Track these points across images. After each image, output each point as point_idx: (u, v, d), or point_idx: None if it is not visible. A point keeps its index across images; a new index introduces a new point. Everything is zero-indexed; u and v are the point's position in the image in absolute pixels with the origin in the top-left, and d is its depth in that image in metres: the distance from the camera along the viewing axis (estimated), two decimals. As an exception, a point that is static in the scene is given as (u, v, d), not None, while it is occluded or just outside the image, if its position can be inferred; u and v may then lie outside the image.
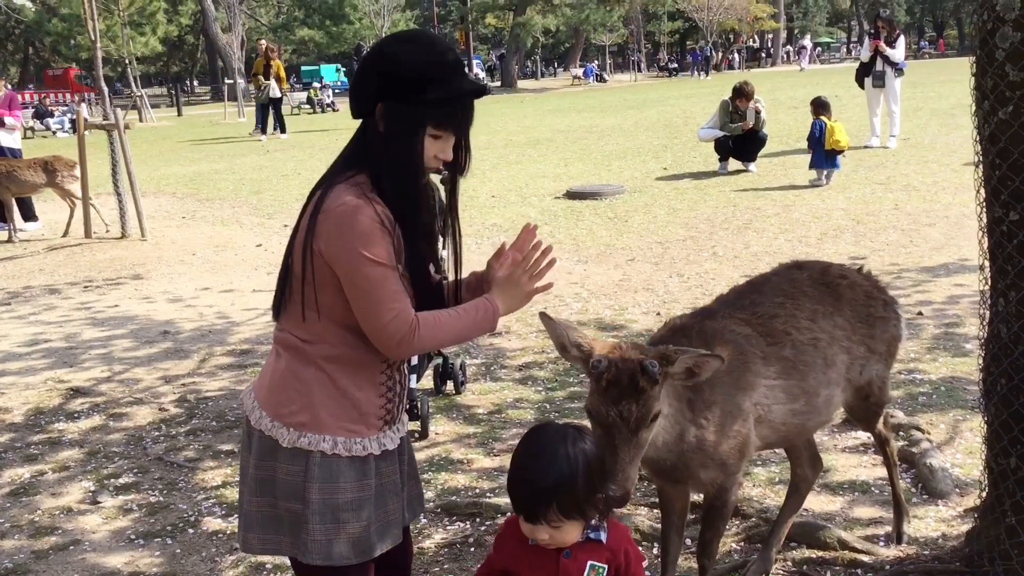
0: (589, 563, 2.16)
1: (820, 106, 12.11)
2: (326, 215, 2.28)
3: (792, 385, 3.19)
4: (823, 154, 11.83)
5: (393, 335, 2.29)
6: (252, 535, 2.45)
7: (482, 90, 2.41)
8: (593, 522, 2.19)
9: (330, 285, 2.31)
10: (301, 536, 2.37)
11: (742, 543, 3.89)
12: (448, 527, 4.21)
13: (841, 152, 11.85)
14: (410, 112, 2.30)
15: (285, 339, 2.42)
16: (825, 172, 11.92)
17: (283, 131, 22.08)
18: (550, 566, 2.16)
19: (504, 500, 4.34)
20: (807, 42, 48.36)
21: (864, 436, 4.83)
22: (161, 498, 4.68)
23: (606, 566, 2.18)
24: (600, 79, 48.41)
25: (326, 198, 2.31)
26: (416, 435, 5.21)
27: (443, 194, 6.15)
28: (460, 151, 2.44)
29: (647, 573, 2.25)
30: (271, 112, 22.03)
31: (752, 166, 13.10)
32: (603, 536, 2.19)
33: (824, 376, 3.29)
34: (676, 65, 55.51)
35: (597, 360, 2.45)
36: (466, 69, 2.39)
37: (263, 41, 24.39)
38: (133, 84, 32.45)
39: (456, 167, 2.46)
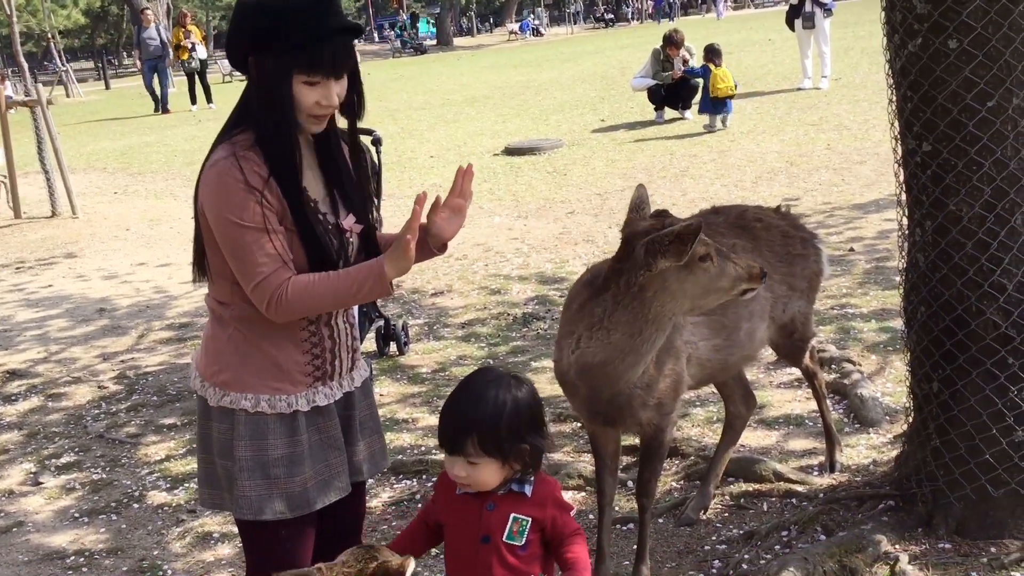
0: (512, 515, 2.18)
1: (709, 52, 12.37)
2: (202, 177, 2.29)
3: (713, 320, 3.25)
4: (708, 100, 12.16)
5: (261, 297, 2.26)
6: (203, 490, 2.51)
7: (353, 28, 2.27)
8: (519, 475, 2.20)
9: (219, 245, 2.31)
10: (235, 492, 2.40)
11: (682, 481, 3.98)
12: (395, 485, 4.25)
13: (729, 97, 12.10)
14: (274, 62, 2.21)
15: (208, 303, 2.45)
16: (719, 116, 12.22)
17: (209, 99, 20.86)
18: (474, 517, 2.19)
19: (449, 455, 4.37)
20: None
21: (797, 372, 4.94)
22: (104, 475, 4.64)
23: (529, 518, 2.19)
24: (536, 33, 48.08)
25: (207, 159, 2.30)
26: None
27: (374, 155, 6.08)
28: (352, 93, 2.33)
29: (572, 516, 2.28)
30: (199, 80, 21.13)
31: (688, 113, 13.16)
32: (527, 489, 2.20)
33: (744, 310, 3.35)
34: (612, 16, 55.29)
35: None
36: (335, 5, 2.23)
37: (184, 10, 23.52)
38: (57, 59, 31.55)
39: (350, 110, 2.37)
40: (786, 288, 3.53)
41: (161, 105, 20.91)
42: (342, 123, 2.42)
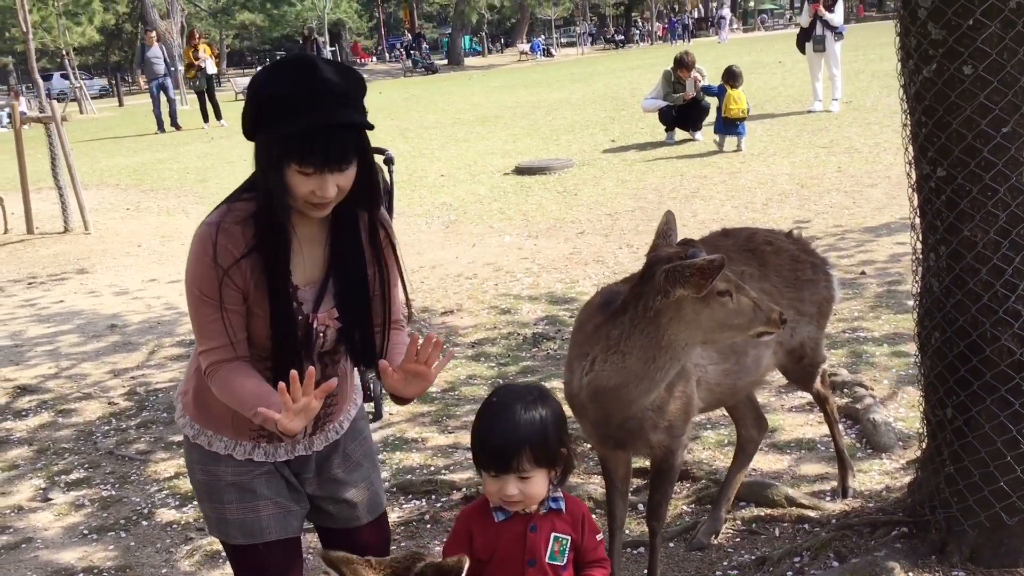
0: (552, 535, 2.19)
1: (728, 74, 12.43)
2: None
3: (723, 345, 3.24)
4: (721, 120, 12.31)
5: (202, 366, 2.28)
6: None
7: (351, 124, 2.14)
8: (557, 483, 2.22)
9: None
10: (201, 510, 2.50)
11: (692, 505, 3.96)
12: (404, 505, 4.23)
13: (741, 120, 12.21)
14: (272, 146, 2.15)
15: None
16: (731, 138, 12.33)
17: (218, 116, 20.86)
18: (518, 542, 2.19)
19: (459, 476, 4.36)
20: (726, 12, 48.23)
21: (810, 396, 4.92)
22: (113, 492, 4.64)
23: (568, 537, 2.21)
24: (547, 54, 48.30)
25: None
26: (370, 416, 5.21)
27: (386, 174, 6.09)
28: (362, 183, 2.22)
29: (603, 541, 2.27)
30: (207, 98, 21.14)
31: (698, 134, 13.17)
32: (563, 505, 2.23)
33: (750, 344, 3.31)
34: (622, 37, 55.51)
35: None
36: (336, 98, 2.12)
37: (195, 30, 23.55)
38: (71, 75, 31.77)
39: (360, 201, 2.27)
40: (794, 313, 3.50)
41: (172, 121, 20.88)
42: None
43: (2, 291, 8.92)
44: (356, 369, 2.55)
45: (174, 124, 20.92)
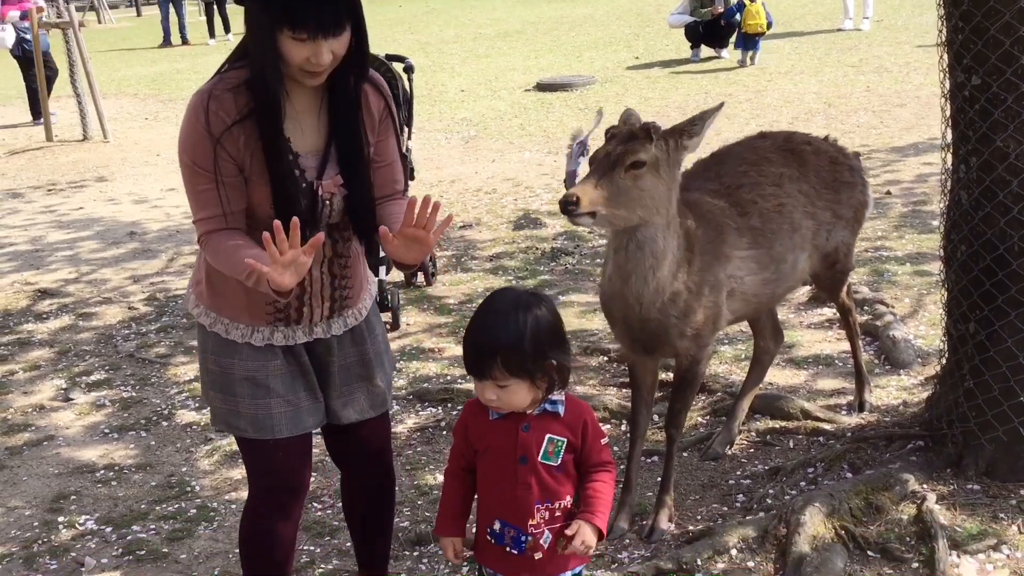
0: (547, 436, 2.17)
1: None
2: None
3: (762, 254, 3.21)
4: (742, 36, 12.12)
5: (197, 232, 2.29)
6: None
7: None
8: (551, 395, 2.18)
9: None
10: (208, 402, 2.48)
11: (708, 416, 3.96)
12: (420, 412, 4.26)
13: (760, 34, 12.03)
14: (260, 14, 2.13)
15: None
16: (749, 54, 12.20)
17: (227, 30, 20.09)
18: (510, 439, 2.18)
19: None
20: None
21: (828, 312, 4.89)
22: (134, 393, 4.69)
23: (564, 439, 2.18)
24: (571, -31, 47.19)
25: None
26: (388, 326, 5.22)
27: (406, 83, 5.99)
28: (355, 50, 2.21)
29: (608, 445, 2.26)
30: (215, 9, 20.52)
31: (724, 52, 12.90)
32: (560, 409, 2.19)
33: (790, 241, 3.30)
34: (649, -47, 54.12)
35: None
36: None
37: None
38: (89, -16, 31.36)
39: (354, 68, 2.26)
40: (831, 215, 3.46)
41: (181, 36, 20.24)
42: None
43: (22, 197, 8.93)
44: (370, 269, 2.55)
45: (183, 38, 20.37)
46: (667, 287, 2.93)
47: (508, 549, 2.21)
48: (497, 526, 2.22)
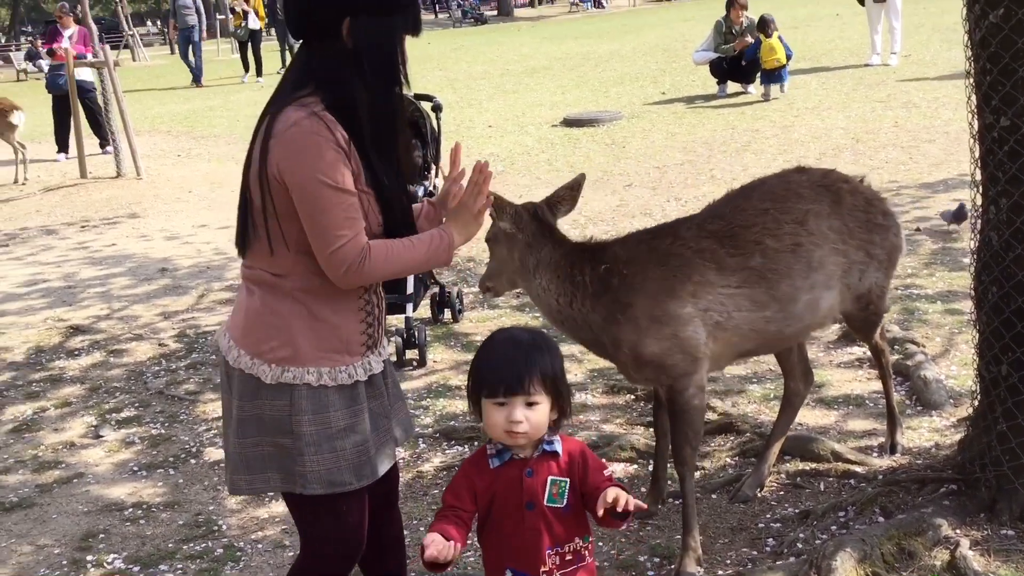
0: (550, 478, 2.17)
1: (759, 24, 12.35)
2: (278, 139, 2.22)
3: (758, 293, 3.20)
4: (762, 70, 12.29)
5: (341, 262, 2.24)
6: (239, 477, 2.43)
7: None
8: (555, 424, 2.21)
9: (294, 214, 2.25)
10: (296, 469, 2.35)
11: (736, 458, 3.93)
12: (447, 451, 4.26)
13: (783, 67, 12.21)
14: (382, 20, 2.27)
15: (256, 275, 2.38)
16: (774, 87, 12.38)
17: (259, 73, 19.98)
18: (515, 485, 2.17)
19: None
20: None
21: (859, 351, 4.85)
22: (163, 431, 4.72)
23: (567, 480, 2.18)
24: (598, 5, 47.51)
25: (276, 122, 2.24)
26: (414, 364, 5.24)
27: (434, 121, 6.06)
28: None
29: (612, 477, 2.23)
30: (250, 50, 20.15)
31: (751, 87, 12.93)
32: (558, 448, 2.20)
33: (805, 281, 3.27)
34: (675, -12, 54.45)
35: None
36: None
37: None
38: (124, 22, 31.95)
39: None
40: (864, 255, 3.43)
41: (195, 78, 20.18)
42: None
43: (56, 234, 9.07)
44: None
45: (196, 80, 20.16)
46: (562, 324, 3.26)
47: None
48: (508, 575, 2.21)
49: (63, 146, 12.73)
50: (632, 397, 4.58)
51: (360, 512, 2.47)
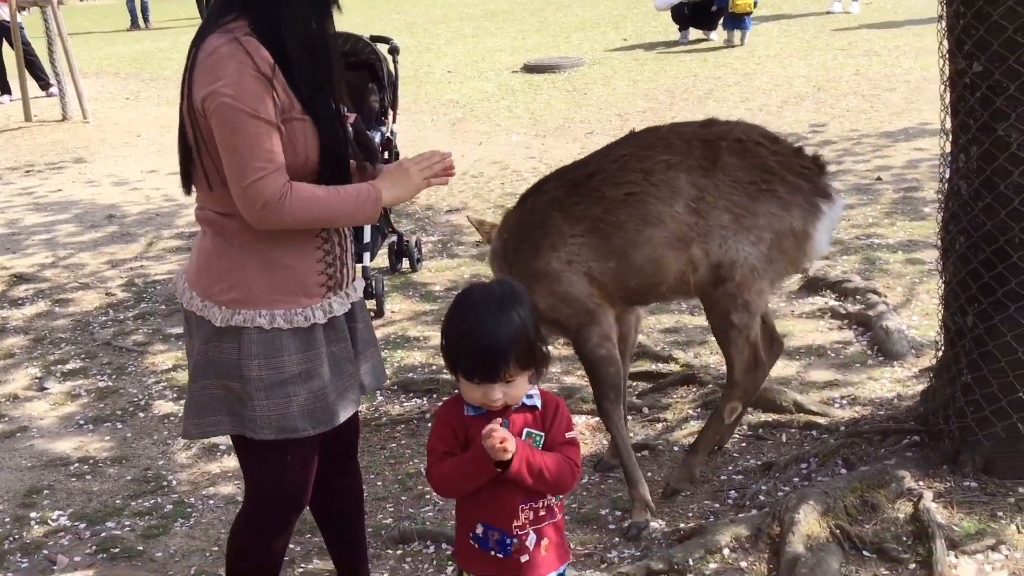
0: (525, 430, 2.09)
1: None
2: (199, 68, 2.14)
3: (598, 242, 3.07)
4: (729, 16, 12.16)
5: (257, 197, 2.12)
6: (190, 421, 2.36)
7: None
8: (534, 378, 2.11)
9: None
10: (246, 413, 2.27)
11: (699, 409, 3.87)
12: (405, 403, 4.16)
13: (748, 13, 12.08)
14: None
15: (205, 216, 2.28)
16: (737, 34, 12.25)
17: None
18: None
19: (460, 374, 4.28)
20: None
21: (820, 301, 4.82)
22: (110, 383, 4.57)
23: (542, 434, 2.10)
24: (558, -51, 46.88)
25: (199, 51, 2.15)
26: (372, 314, 5.10)
27: (390, 64, 5.87)
28: None
29: (575, 442, 2.14)
30: None
31: (713, 34, 12.77)
32: (538, 402, 2.12)
33: (640, 234, 3.05)
34: (636, -67, 53.77)
35: None
36: None
37: None
38: (70, -39, 30.91)
39: None
40: (730, 220, 3.02)
41: (143, 17, 19.72)
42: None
43: (0, 179, 8.77)
44: (354, 256, 2.46)
45: (145, 19, 19.78)
46: None
47: (493, 553, 2.12)
48: (480, 530, 2.13)
49: (4, 88, 12.29)
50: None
51: (308, 461, 2.38)
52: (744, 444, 3.60)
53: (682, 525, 3.12)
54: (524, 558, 2.11)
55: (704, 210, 3.03)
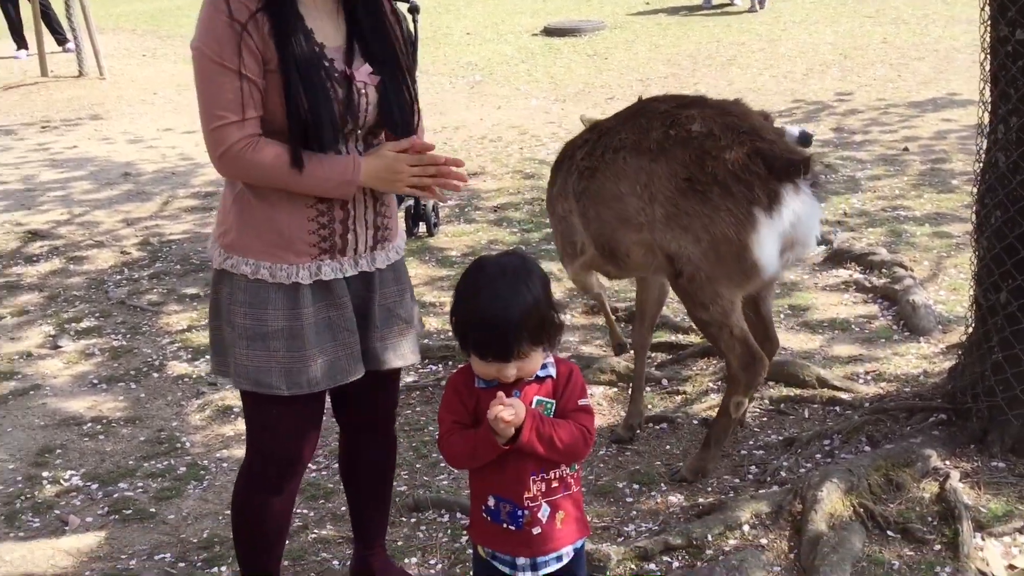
0: (536, 398, 2.03)
1: None
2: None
3: (582, 213, 3.21)
4: None
5: (219, 143, 2.12)
6: (214, 357, 2.40)
7: None
8: (547, 348, 2.05)
9: None
10: (231, 359, 2.28)
11: (719, 382, 3.80)
12: (419, 370, 4.11)
13: None
14: None
15: None
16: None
17: None
18: None
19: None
20: None
21: (845, 274, 4.73)
22: (124, 342, 4.54)
23: (553, 402, 2.05)
24: (581, -90, 46.22)
25: None
26: (424, 234, 5.09)
27: (411, 24, 5.76)
28: None
29: (589, 409, 2.08)
30: None
31: (738, 0, 12.58)
32: (552, 372, 2.06)
33: (604, 211, 3.09)
34: None
35: None
36: None
37: None
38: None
39: None
40: (663, 213, 2.91)
41: None
42: None
43: (15, 134, 8.71)
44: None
45: None
46: None
47: (505, 526, 2.07)
48: (491, 502, 2.08)
49: (21, 42, 12.20)
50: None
51: (297, 424, 2.32)
52: (766, 419, 3.54)
53: (701, 500, 3.06)
54: (536, 530, 2.06)
55: (648, 197, 2.94)
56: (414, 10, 5.49)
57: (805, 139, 5.96)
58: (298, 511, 3.14)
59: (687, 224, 2.88)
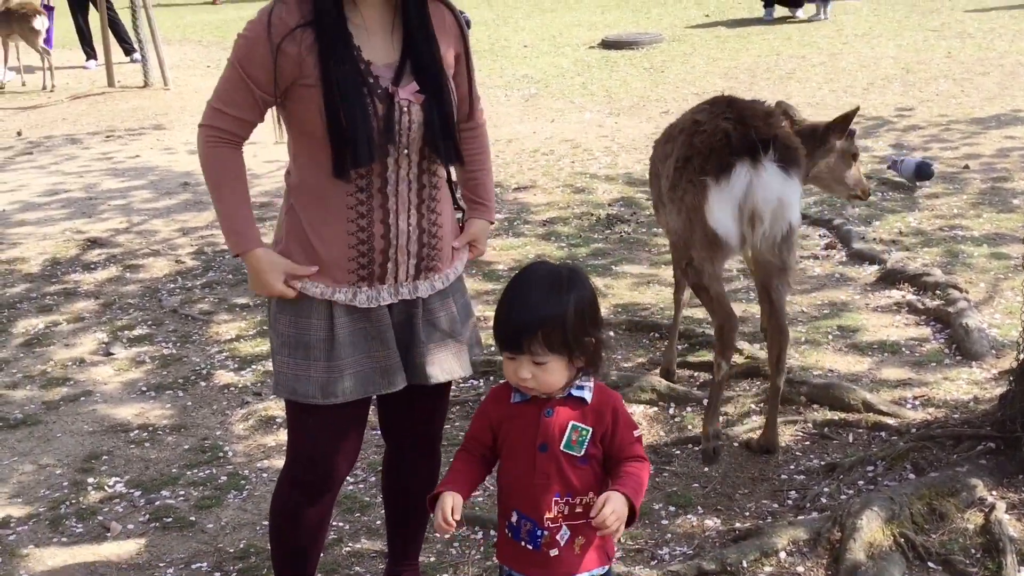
0: (571, 423, 2.01)
1: None
2: None
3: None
4: None
5: (202, 117, 2.27)
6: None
7: None
8: (581, 373, 2.02)
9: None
10: (274, 367, 2.33)
11: (761, 404, 3.73)
12: (460, 385, 4.10)
13: None
14: None
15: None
16: (822, 6, 12.13)
17: None
18: (531, 424, 2.02)
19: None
20: None
21: (898, 295, 4.63)
22: (174, 351, 4.62)
23: (590, 429, 2.02)
24: (644, -78, 46.11)
25: None
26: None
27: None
28: None
29: (641, 439, 2.07)
30: None
31: (799, 11, 12.43)
32: (587, 395, 2.03)
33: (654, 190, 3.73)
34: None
35: None
36: None
37: None
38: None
39: None
40: (655, 193, 3.68)
41: None
42: None
43: (80, 143, 8.94)
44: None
45: None
46: None
47: (523, 544, 2.06)
48: (514, 518, 2.07)
49: (91, 52, 12.53)
50: (656, 335, 4.39)
51: (333, 437, 2.34)
52: (808, 443, 3.47)
53: (738, 524, 3.01)
54: (553, 552, 2.04)
55: (655, 174, 3.60)
56: (466, 24, 5.53)
57: (925, 171, 5.86)
58: (334, 523, 3.16)
59: (671, 196, 3.32)
